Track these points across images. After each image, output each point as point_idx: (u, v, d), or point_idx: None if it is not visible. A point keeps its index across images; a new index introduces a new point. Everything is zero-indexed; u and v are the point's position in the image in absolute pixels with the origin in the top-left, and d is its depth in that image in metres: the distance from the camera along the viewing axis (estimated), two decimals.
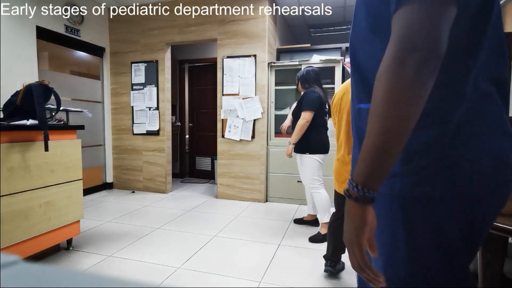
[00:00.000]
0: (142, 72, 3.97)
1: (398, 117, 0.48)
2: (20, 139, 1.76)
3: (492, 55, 0.56)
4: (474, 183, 0.55)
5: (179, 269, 1.90)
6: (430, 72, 0.47)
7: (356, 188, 0.52)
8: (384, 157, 0.50)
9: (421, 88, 0.47)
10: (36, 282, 0.19)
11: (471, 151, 0.55)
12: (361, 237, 0.52)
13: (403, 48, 0.47)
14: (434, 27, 0.46)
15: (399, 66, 0.47)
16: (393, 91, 0.48)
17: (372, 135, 0.50)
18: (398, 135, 0.49)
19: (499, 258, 1.03)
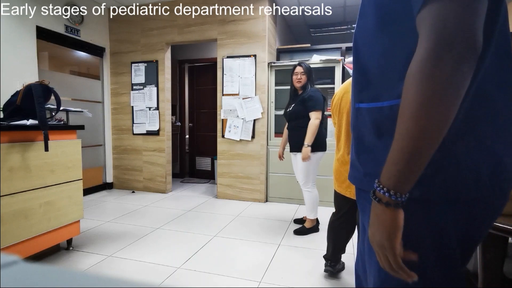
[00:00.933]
0: (142, 72, 3.97)
1: (434, 118, 0.46)
2: (20, 139, 1.76)
3: (498, 57, 0.55)
4: (471, 187, 0.54)
5: (179, 269, 1.90)
6: (469, 69, 0.45)
7: (388, 193, 0.50)
8: (418, 160, 0.48)
9: (460, 87, 0.45)
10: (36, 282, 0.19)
11: (470, 155, 0.54)
12: (394, 241, 0.51)
13: (439, 45, 0.44)
14: (470, 21, 0.44)
15: (436, 64, 0.45)
16: (429, 91, 0.45)
17: (404, 137, 0.48)
18: (433, 136, 0.47)
19: (499, 258, 1.03)
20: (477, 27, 0.45)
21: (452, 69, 0.44)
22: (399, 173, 0.49)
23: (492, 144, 0.54)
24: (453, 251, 0.58)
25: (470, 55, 0.44)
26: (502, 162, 0.55)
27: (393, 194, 0.50)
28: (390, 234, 0.51)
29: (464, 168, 0.53)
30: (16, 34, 2.91)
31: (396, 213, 0.51)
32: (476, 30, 0.45)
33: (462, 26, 0.44)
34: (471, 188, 0.54)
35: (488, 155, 0.54)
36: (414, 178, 0.49)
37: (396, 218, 0.51)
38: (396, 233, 0.51)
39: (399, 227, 0.51)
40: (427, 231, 0.56)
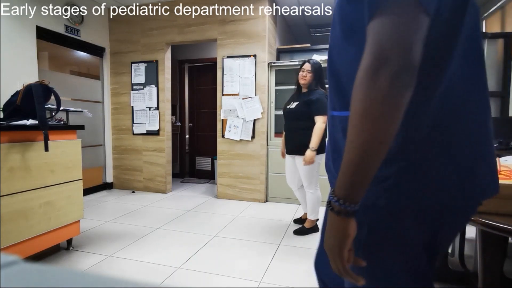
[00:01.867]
0: (142, 72, 3.97)
1: (373, 131, 0.47)
2: (20, 139, 1.76)
3: (468, 65, 0.55)
4: (438, 195, 0.55)
5: (179, 269, 1.90)
6: (404, 84, 0.46)
7: (338, 202, 0.52)
8: (363, 171, 0.49)
9: (395, 101, 0.46)
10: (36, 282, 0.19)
11: (436, 163, 0.54)
12: (343, 249, 0.53)
13: (376, 61, 0.46)
14: (406, 38, 0.45)
15: (372, 79, 0.46)
16: (367, 105, 0.47)
17: (350, 149, 0.50)
18: (374, 149, 0.48)
19: (499, 258, 1.03)
20: (413, 42, 0.46)
21: (387, 85, 0.45)
22: (348, 184, 0.51)
23: (460, 153, 0.55)
24: (420, 258, 0.59)
25: (405, 71, 0.45)
26: (471, 171, 0.56)
27: (342, 204, 0.51)
28: (340, 241, 0.53)
29: (429, 177, 0.54)
30: (16, 34, 2.91)
31: (346, 222, 0.52)
32: (411, 45, 0.45)
33: (398, 42, 0.45)
34: (438, 197, 0.55)
35: (455, 164, 0.55)
36: (362, 187, 0.51)
37: (347, 226, 0.52)
38: (346, 241, 0.52)
39: (349, 235, 0.52)
40: (394, 238, 0.58)
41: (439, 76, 0.53)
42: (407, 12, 0.46)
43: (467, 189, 0.56)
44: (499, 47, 3.21)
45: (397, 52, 0.45)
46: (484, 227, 0.89)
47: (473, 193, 0.57)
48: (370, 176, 0.50)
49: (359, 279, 0.54)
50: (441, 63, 0.53)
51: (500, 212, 0.92)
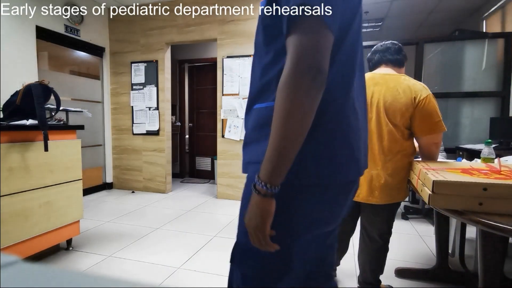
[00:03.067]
0: (142, 72, 3.97)
1: (292, 128, 0.57)
2: (20, 139, 1.76)
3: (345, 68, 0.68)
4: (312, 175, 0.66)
5: (179, 269, 1.90)
6: (320, 86, 0.58)
7: (265, 186, 0.60)
8: (285, 158, 0.59)
9: (314, 99, 0.58)
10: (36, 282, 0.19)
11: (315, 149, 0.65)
12: (265, 226, 0.63)
13: (295, 71, 0.57)
14: (319, 54, 0.57)
15: (295, 82, 0.56)
16: (292, 102, 0.57)
17: (273, 140, 0.59)
18: (295, 139, 0.58)
19: (499, 258, 1.03)
20: (324, 54, 0.58)
21: (303, 92, 0.56)
22: (273, 170, 0.60)
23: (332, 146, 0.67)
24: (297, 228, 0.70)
25: (320, 76, 0.57)
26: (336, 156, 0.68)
27: (268, 187, 0.60)
28: (264, 220, 0.62)
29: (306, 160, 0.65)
30: (16, 34, 2.91)
31: (270, 202, 0.62)
32: (323, 57, 0.58)
33: (313, 57, 0.57)
34: (312, 176, 0.66)
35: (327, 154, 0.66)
36: (282, 173, 0.60)
37: (270, 206, 0.62)
38: (269, 219, 0.63)
39: (271, 214, 0.63)
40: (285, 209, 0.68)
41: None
42: (318, 29, 0.58)
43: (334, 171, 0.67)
44: (499, 47, 3.21)
45: (312, 65, 0.56)
46: (484, 227, 0.89)
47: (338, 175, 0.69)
48: (289, 163, 0.60)
49: (276, 246, 0.65)
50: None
51: (500, 212, 0.92)
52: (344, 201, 0.76)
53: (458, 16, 4.24)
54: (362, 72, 0.78)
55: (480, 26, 3.93)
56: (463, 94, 3.30)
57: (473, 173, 1.06)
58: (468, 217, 0.93)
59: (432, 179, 0.97)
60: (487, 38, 3.24)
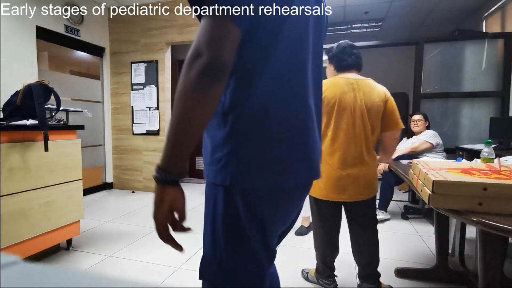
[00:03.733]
0: (142, 72, 3.97)
1: (184, 114, 0.56)
2: (20, 139, 1.76)
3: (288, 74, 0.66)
4: (256, 177, 0.64)
5: (179, 269, 1.90)
6: (212, 78, 0.54)
7: (159, 172, 0.59)
8: (177, 146, 0.58)
9: (203, 90, 0.54)
10: (36, 282, 0.19)
11: (256, 150, 0.63)
12: (158, 213, 0.60)
13: (191, 54, 0.55)
14: (216, 40, 0.55)
15: (186, 70, 0.55)
16: (182, 90, 0.55)
17: (169, 128, 0.58)
18: (185, 129, 0.57)
19: (499, 258, 1.03)
20: (223, 44, 0.55)
21: (196, 75, 0.54)
22: (166, 156, 0.59)
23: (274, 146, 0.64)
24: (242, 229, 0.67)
25: (213, 67, 0.54)
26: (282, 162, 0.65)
27: (162, 173, 0.59)
28: (156, 205, 0.60)
29: (248, 163, 0.63)
30: (16, 34, 2.91)
31: (164, 189, 0.59)
32: (222, 46, 0.55)
33: (209, 42, 0.54)
34: (253, 181, 0.64)
35: (270, 154, 0.64)
36: (176, 161, 0.59)
37: (163, 193, 0.59)
38: (161, 205, 0.59)
39: (164, 201, 0.59)
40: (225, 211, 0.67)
41: (256, 80, 0.63)
42: (219, 20, 0.55)
43: (281, 173, 0.65)
44: (499, 47, 3.21)
45: (208, 48, 0.54)
46: (484, 227, 0.89)
47: (287, 176, 0.66)
48: (184, 152, 0.58)
49: (180, 246, 0.63)
50: (258, 70, 0.63)
51: (500, 212, 0.92)
52: (295, 206, 0.74)
53: (458, 16, 4.23)
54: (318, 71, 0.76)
55: (480, 26, 3.93)
56: (463, 94, 3.30)
57: (473, 173, 1.06)
58: (468, 217, 0.93)
59: (432, 179, 0.97)
60: (487, 38, 3.24)
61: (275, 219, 0.71)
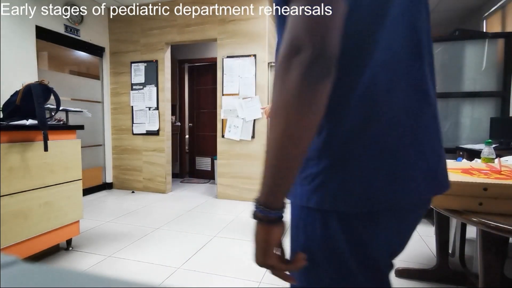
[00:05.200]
0: (142, 72, 3.97)
1: (287, 132, 0.42)
2: (20, 139, 1.76)
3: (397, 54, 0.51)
4: (360, 201, 0.49)
5: (179, 269, 1.90)
6: (319, 75, 0.41)
7: (259, 209, 0.48)
8: (281, 174, 0.45)
9: (309, 93, 0.41)
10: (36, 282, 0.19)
11: (360, 160, 0.49)
12: (266, 259, 0.49)
13: (288, 50, 0.42)
14: (320, 25, 0.42)
15: (284, 70, 0.42)
16: (280, 99, 0.43)
17: (267, 151, 0.46)
18: (289, 147, 0.43)
19: (499, 258, 1.03)
20: (329, 28, 0.42)
21: (299, 75, 0.41)
22: (268, 188, 0.47)
23: (385, 156, 0.50)
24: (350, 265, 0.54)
25: (320, 60, 0.41)
26: (403, 172, 0.50)
27: (263, 210, 0.47)
28: (263, 251, 0.49)
29: (352, 177, 0.49)
30: (16, 34, 2.91)
31: (268, 229, 0.48)
32: (327, 32, 0.42)
33: (312, 29, 0.41)
34: (360, 202, 0.50)
35: (380, 167, 0.49)
36: (280, 192, 0.47)
37: (268, 234, 0.48)
38: (269, 251, 0.49)
39: (271, 244, 0.49)
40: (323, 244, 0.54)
41: (361, 67, 0.48)
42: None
43: (399, 193, 0.50)
44: (499, 47, 3.21)
45: (310, 39, 0.41)
46: (484, 227, 0.89)
47: (403, 193, 0.51)
48: (288, 178, 0.46)
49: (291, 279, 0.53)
50: (363, 53, 0.49)
51: (500, 212, 0.92)
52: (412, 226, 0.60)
53: (458, 16, 4.23)
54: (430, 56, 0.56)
55: (480, 26, 3.93)
56: (463, 94, 3.30)
57: (473, 173, 1.06)
58: (468, 217, 0.93)
59: None
60: (487, 38, 3.24)
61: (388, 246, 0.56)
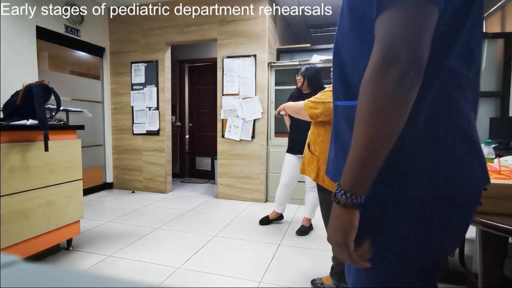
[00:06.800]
0: (142, 72, 3.97)
1: (381, 128, 0.48)
2: (20, 139, 1.76)
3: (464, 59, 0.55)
4: (426, 188, 0.54)
5: (179, 269, 1.90)
6: (413, 81, 0.46)
7: (344, 196, 0.53)
8: (369, 166, 0.51)
9: (405, 98, 0.47)
10: (36, 282, 0.19)
11: (426, 159, 0.54)
12: (349, 240, 0.54)
13: (385, 58, 0.46)
14: (416, 34, 0.45)
15: (382, 76, 0.46)
16: (376, 102, 0.48)
17: (357, 145, 0.51)
18: (381, 146, 0.49)
19: (499, 258, 1.03)
20: (423, 38, 0.46)
21: (397, 82, 0.45)
22: (354, 178, 0.52)
23: (452, 146, 0.54)
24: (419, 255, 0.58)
25: (414, 68, 0.45)
26: (463, 164, 0.55)
27: (349, 197, 0.52)
28: (345, 233, 0.54)
29: (420, 169, 0.54)
30: (16, 34, 2.91)
31: (352, 214, 0.53)
32: (421, 41, 0.46)
33: (409, 39, 0.45)
34: (426, 189, 0.54)
35: (446, 157, 0.54)
36: (366, 182, 0.52)
37: (352, 218, 0.53)
38: (351, 232, 0.54)
39: (354, 227, 0.54)
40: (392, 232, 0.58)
41: (437, 72, 0.53)
42: (417, 6, 0.45)
43: (459, 189, 0.55)
44: (499, 47, 3.21)
45: (407, 49, 0.45)
46: (484, 227, 0.89)
47: (465, 193, 0.57)
48: (375, 171, 0.51)
49: (367, 263, 0.56)
50: (441, 60, 0.53)
51: (500, 212, 0.92)
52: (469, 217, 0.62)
53: None
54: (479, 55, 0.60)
55: None
56: None
57: None
58: None
59: None
60: (487, 38, 3.24)
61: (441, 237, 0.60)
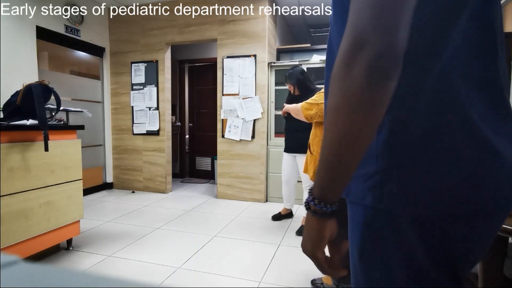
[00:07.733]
0: (142, 72, 3.97)
1: (346, 127, 0.41)
2: (20, 139, 1.76)
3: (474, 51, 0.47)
4: (438, 202, 0.46)
5: (179, 269, 1.90)
6: (384, 74, 0.39)
7: (313, 202, 0.47)
8: (336, 169, 0.44)
9: (372, 93, 0.39)
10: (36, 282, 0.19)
11: (436, 165, 0.46)
12: (316, 251, 0.49)
13: (352, 45, 0.39)
14: (388, 17, 0.38)
15: (347, 67, 0.40)
16: (340, 97, 0.41)
17: (324, 146, 0.45)
18: (348, 146, 0.42)
19: (499, 258, 1.03)
20: (397, 22, 0.38)
21: (363, 74, 0.39)
22: (322, 182, 0.46)
23: (462, 152, 0.46)
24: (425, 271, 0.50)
25: (385, 58, 0.38)
26: (476, 172, 0.46)
27: (317, 203, 0.47)
28: (314, 243, 0.49)
29: (428, 181, 0.46)
30: (16, 34, 2.91)
31: (322, 223, 0.48)
32: (395, 26, 0.38)
33: (378, 22, 0.38)
34: (438, 204, 0.46)
35: (458, 165, 0.46)
36: (336, 187, 0.46)
37: (322, 228, 0.48)
38: (320, 242, 0.49)
39: (324, 237, 0.49)
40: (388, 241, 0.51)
41: (432, 64, 0.46)
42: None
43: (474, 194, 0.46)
44: None
45: (376, 32, 0.38)
46: None
47: (482, 198, 0.47)
48: (345, 175, 0.45)
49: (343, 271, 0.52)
50: (436, 48, 0.45)
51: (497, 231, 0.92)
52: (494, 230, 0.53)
53: None
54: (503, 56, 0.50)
55: None
56: None
57: None
58: None
59: None
60: None
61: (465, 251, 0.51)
